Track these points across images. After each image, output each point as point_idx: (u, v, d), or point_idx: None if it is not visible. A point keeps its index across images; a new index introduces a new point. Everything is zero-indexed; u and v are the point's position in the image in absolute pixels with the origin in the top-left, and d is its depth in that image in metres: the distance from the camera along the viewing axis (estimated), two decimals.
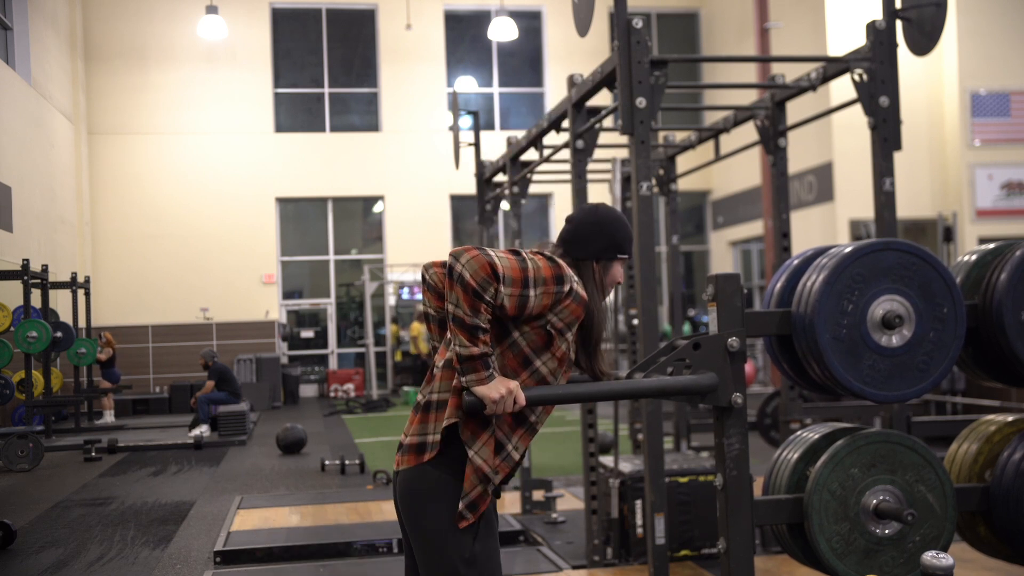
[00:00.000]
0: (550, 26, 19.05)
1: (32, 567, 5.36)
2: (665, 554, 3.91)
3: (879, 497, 2.71)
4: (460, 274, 2.19)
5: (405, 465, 2.35)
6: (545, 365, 2.36)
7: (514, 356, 2.33)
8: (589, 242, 2.47)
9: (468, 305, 2.18)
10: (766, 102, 5.26)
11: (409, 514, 2.35)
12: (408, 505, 2.35)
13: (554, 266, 2.30)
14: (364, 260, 18.52)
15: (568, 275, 2.32)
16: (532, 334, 2.32)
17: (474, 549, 2.30)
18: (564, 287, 2.29)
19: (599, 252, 2.47)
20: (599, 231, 2.47)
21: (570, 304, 2.31)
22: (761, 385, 15.38)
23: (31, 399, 10.14)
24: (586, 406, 4.91)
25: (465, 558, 2.28)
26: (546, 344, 2.34)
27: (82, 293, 13.07)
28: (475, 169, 7.16)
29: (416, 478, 2.33)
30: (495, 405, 2.23)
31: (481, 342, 2.20)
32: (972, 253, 3.11)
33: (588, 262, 2.46)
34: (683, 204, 18.49)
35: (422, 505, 2.32)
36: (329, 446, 10.40)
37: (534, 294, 2.25)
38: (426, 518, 2.31)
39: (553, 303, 2.29)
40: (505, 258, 2.25)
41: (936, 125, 14.99)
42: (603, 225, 2.48)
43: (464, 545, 2.29)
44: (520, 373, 2.34)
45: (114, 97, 17.33)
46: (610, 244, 2.47)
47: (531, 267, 2.26)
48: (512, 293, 2.22)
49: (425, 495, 2.31)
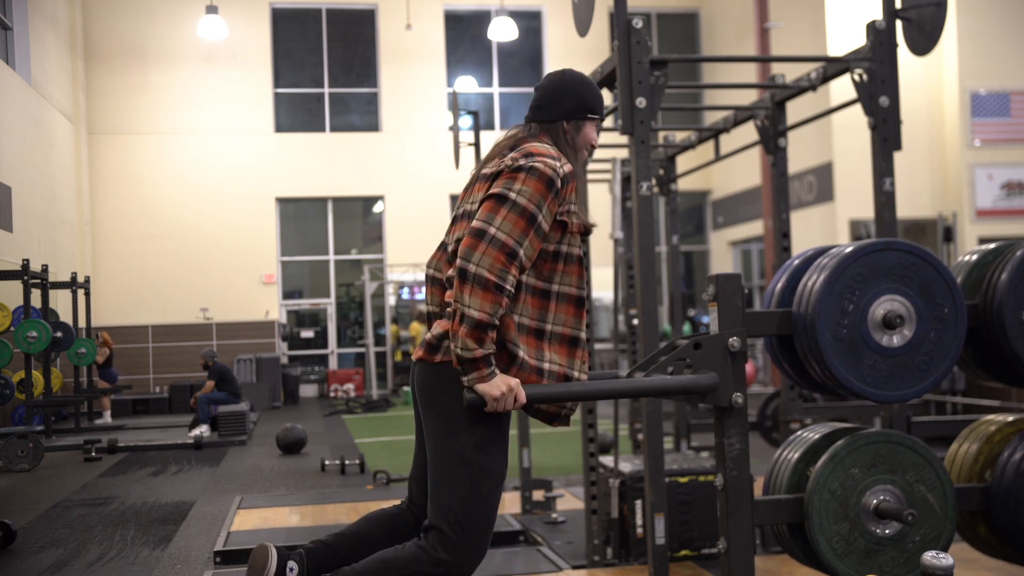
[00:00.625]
0: (550, 26, 19.05)
1: (32, 567, 5.36)
2: (665, 554, 3.91)
3: (879, 497, 2.71)
4: (476, 274, 2.18)
5: (424, 358, 2.40)
6: (563, 284, 2.40)
7: (533, 297, 2.37)
8: (557, 104, 2.47)
9: (491, 302, 2.19)
10: (766, 102, 5.26)
11: (425, 398, 2.40)
12: (425, 390, 2.40)
13: (536, 174, 2.30)
14: (364, 260, 18.52)
15: (552, 168, 2.32)
16: (552, 230, 2.36)
17: (483, 435, 2.34)
18: (556, 183, 2.31)
19: (567, 112, 2.47)
20: (566, 92, 2.48)
21: (568, 186, 2.35)
22: (761, 385, 15.38)
23: (31, 399, 10.14)
24: (586, 406, 4.91)
25: (473, 440, 2.33)
26: (563, 232, 2.37)
27: (82, 293, 13.07)
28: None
29: (434, 370, 2.38)
30: (496, 402, 2.24)
31: (488, 340, 2.21)
32: (972, 253, 3.11)
33: (558, 123, 2.47)
34: (683, 204, 18.49)
35: (439, 389, 2.37)
36: (329, 446, 10.40)
37: (543, 216, 2.28)
38: (441, 400, 2.36)
39: (559, 203, 2.33)
40: (502, 222, 2.25)
41: (936, 125, 14.99)
42: (570, 85, 2.49)
43: (474, 430, 2.33)
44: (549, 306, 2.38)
45: (114, 97, 17.33)
46: (578, 104, 2.48)
47: (524, 201, 2.27)
48: (531, 241, 2.26)
49: (442, 382, 2.36)
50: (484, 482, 2.34)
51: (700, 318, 17.11)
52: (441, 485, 2.35)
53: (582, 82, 2.52)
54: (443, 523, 2.32)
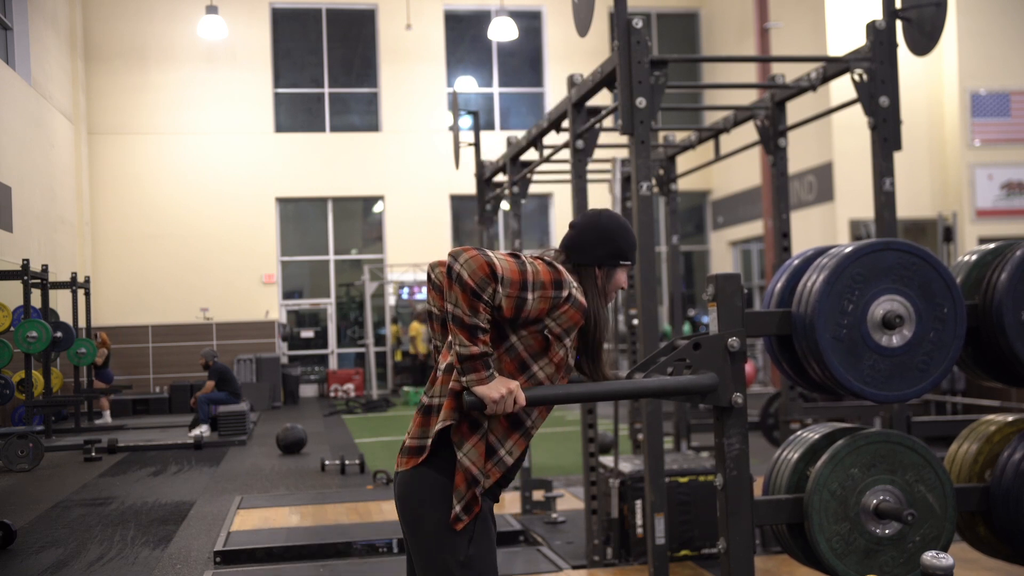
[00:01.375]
0: (550, 26, 19.05)
1: (32, 567, 5.36)
2: (665, 554, 3.91)
3: (879, 497, 2.71)
4: (459, 273, 2.19)
5: (403, 467, 2.37)
6: (543, 370, 2.36)
7: (511, 360, 2.33)
8: (592, 248, 2.46)
9: (467, 304, 2.18)
10: (766, 102, 5.26)
11: (406, 516, 2.36)
12: (405, 507, 2.36)
13: (553, 271, 2.30)
14: (364, 260, 18.52)
15: (567, 280, 2.31)
16: (530, 338, 2.32)
17: (469, 552, 2.30)
18: (563, 292, 2.29)
19: (602, 258, 2.46)
20: (602, 238, 2.47)
21: (568, 310, 2.31)
22: (761, 385, 15.38)
23: (31, 399, 10.14)
24: (586, 406, 4.91)
25: (460, 560, 2.29)
26: (543, 349, 2.33)
27: (82, 293, 13.07)
28: (475, 169, 7.16)
29: (412, 480, 2.34)
30: (495, 405, 2.23)
31: (481, 341, 2.20)
32: (972, 253, 3.11)
33: (590, 268, 2.46)
34: (683, 204, 18.49)
35: (418, 507, 2.33)
36: (329, 446, 10.40)
37: (532, 297, 2.24)
38: (422, 520, 2.32)
39: (551, 308, 2.28)
40: (504, 260, 2.25)
41: (936, 125, 14.99)
42: (606, 231, 2.48)
43: (459, 547, 2.29)
44: (517, 377, 2.34)
45: (114, 97, 17.33)
46: (613, 251, 2.47)
47: (530, 270, 2.26)
48: (509, 294, 2.22)
49: (420, 497, 2.32)
50: None
51: (700, 318, 17.11)
52: None
53: (617, 227, 2.49)
54: None
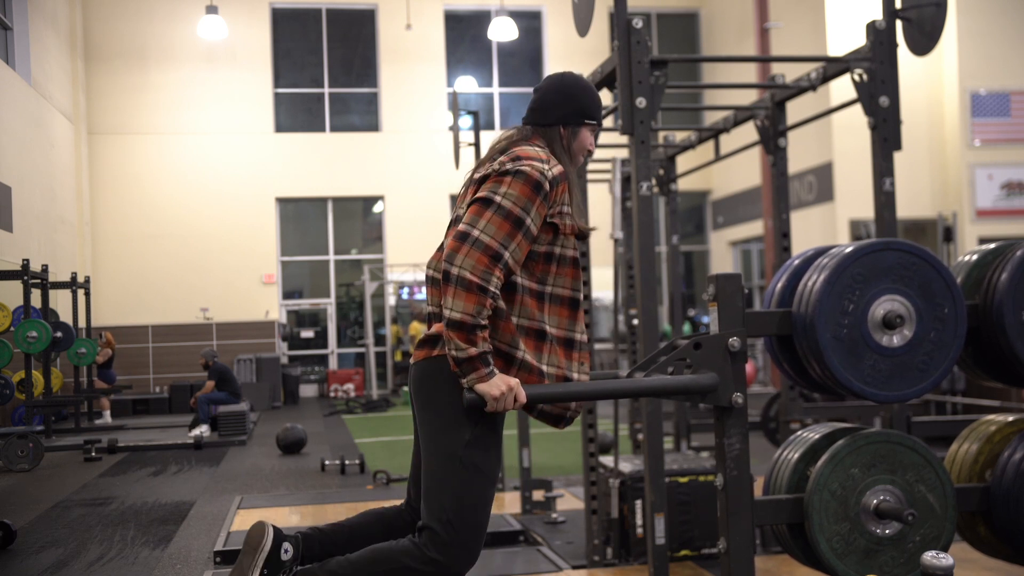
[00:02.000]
0: (550, 26, 19.05)
1: (32, 567, 5.36)
2: (665, 554, 3.91)
3: (879, 497, 2.71)
4: (459, 275, 2.19)
5: (419, 357, 2.42)
6: (558, 286, 2.40)
7: (529, 298, 2.37)
8: (555, 108, 2.46)
9: (475, 303, 2.19)
10: (766, 102, 5.26)
11: (419, 397, 2.41)
12: (419, 389, 2.41)
13: (522, 177, 2.29)
14: (364, 260, 18.52)
15: (539, 171, 2.31)
16: (543, 233, 2.36)
17: (475, 432, 2.34)
18: (544, 186, 2.30)
19: (565, 117, 2.46)
20: (565, 97, 2.46)
21: (558, 188, 2.34)
22: (761, 385, 15.38)
23: (31, 399, 10.14)
24: (586, 406, 4.91)
25: (466, 439, 2.33)
26: (554, 234, 2.37)
27: (82, 293, 13.07)
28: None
29: (427, 366, 2.39)
30: (496, 402, 2.24)
31: (480, 339, 2.21)
32: (972, 253, 3.11)
33: (555, 127, 2.46)
34: (683, 204, 18.49)
35: (431, 388, 2.38)
36: (329, 446, 10.40)
37: (530, 220, 2.28)
38: (433, 399, 2.37)
39: (547, 205, 2.31)
40: (487, 224, 2.24)
41: (936, 125, 14.99)
42: (568, 91, 2.47)
43: (466, 428, 2.34)
44: (543, 308, 2.38)
45: (114, 97, 17.33)
46: (576, 109, 2.46)
47: (509, 204, 2.26)
48: (518, 244, 2.26)
49: (434, 379, 2.37)
50: (476, 481, 2.34)
51: (700, 318, 17.11)
52: (434, 484, 2.36)
53: (581, 87, 2.50)
54: (435, 522, 2.33)
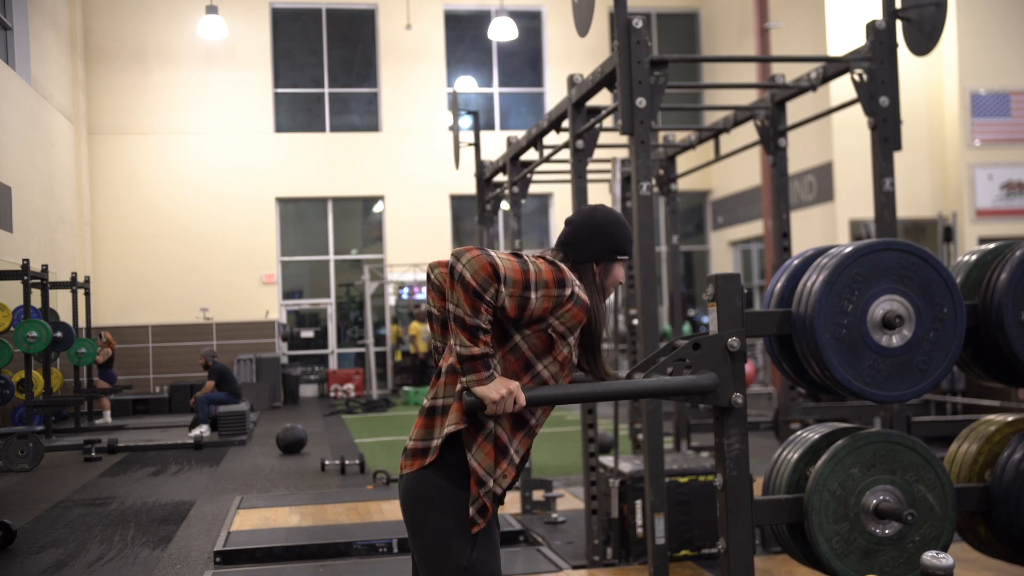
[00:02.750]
0: (550, 26, 19.05)
1: (32, 567, 5.36)
2: (665, 554, 3.91)
3: (879, 497, 2.71)
4: (461, 274, 2.19)
5: (408, 470, 2.37)
6: (547, 369, 2.36)
7: (516, 360, 2.33)
8: (588, 244, 2.46)
9: (469, 305, 2.18)
10: (766, 102, 5.26)
11: (410, 519, 2.36)
12: (409, 510, 2.36)
13: (555, 269, 2.30)
14: (364, 260, 18.51)
15: (569, 279, 2.31)
16: (533, 337, 2.32)
17: (472, 556, 2.30)
18: (565, 291, 2.29)
19: (598, 254, 2.46)
20: (598, 233, 2.47)
21: (572, 308, 2.31)
22: (761, 385, 15.38)
23: (31, 399, 10.14)
24: (586, 406, 4.91)
25: (463, 565, 2.29)
26: (547, 348, 2.33)
27: (82, 293, 13.07)
28: (475, 169, 7.16)
29: (418, 483, 2.34)
30: (495, 405, 2.23)
31: (482, 342, 2.20)
32: (972, 253, 3.11)
33: (588, 264, 2.46)
34: (683, 204, 18.49)
35: (423, 510, 2.33)
36: (329, 446, 10.40)
37: (535, 296, 2.25)
38: (426, 523, 2.32)
39: (554, 306, 2.28)
40: (507, 259, 2.25)
41: (936, 125, 14.99)
42: (602, 227, 2.48)
43: (463, 551, 2.29)
44: (522, 377, 2.34)
45: (114, 97, 17.33)
46: (610, 246, 2.47)
47: (532, 269, 2.26)
48: (513, 294, 2.22)
49: (426, 500, 2.32)
50: None
51: (700, 318, 17.11)
52: None
53: (615, 222, 2.49)
54: None
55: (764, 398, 14.69)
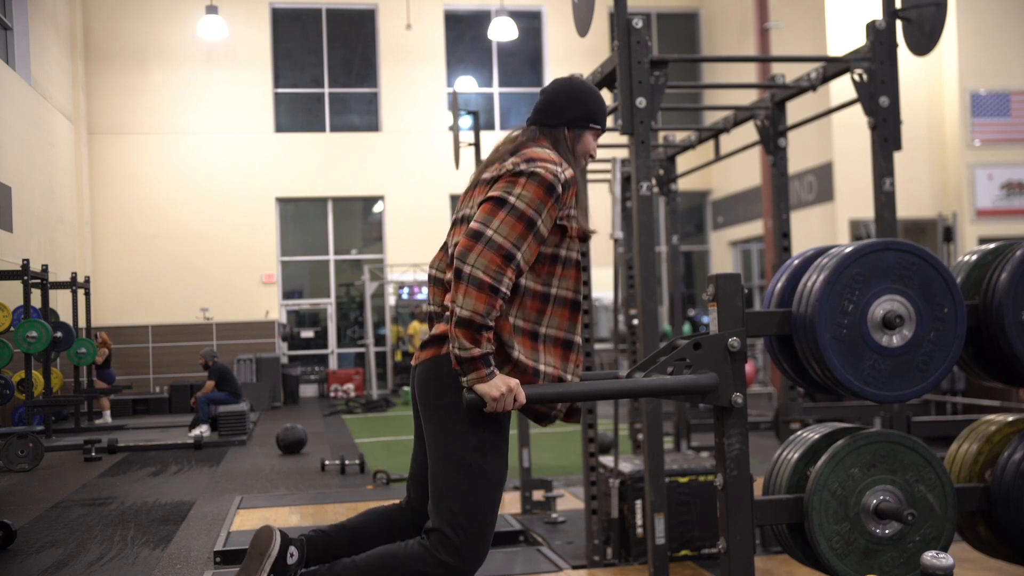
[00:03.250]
0: (550, 26, 19.05)
1: (32, 567, 5.36)
2: (665, 554, 3.91)
3: (879, 497, 2.71)
4: (471, 274, 2.19)
5: (425, 357, 2.41)
6: (561, 288, 2.41)
7: (531, 300, 2.38)
8: (561, 110, 2.48)
9: (485, 303, 2.19)
10: (766, 102, 5.26)
11: (424, 400, 2.41)
12: (423, 392, 2.41)
13: (537, 179, 2.31)
14: (364, 260, 18.52)
15: (553, 173, 2.33)
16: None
17: (483, 438, 2.35)
18: (557, 189, 2.32)
19: (570, 120, 2.49)
20: (571, 99, 2.49)
21: (569, 192, 2.37)
22: (761, 385, 15.38)
23: (31, 399, 10.14)
24: (586, 406, 4.91)
25: (473, 445, 2.34)
26: (561, 235, 2.39)
27: (82, 293, 13.07)
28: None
29: (432, 367, 2.39)
30: (495, 403, 2.24)
31: (484, 340, 2.21)
32: (972, 253, 3.11)
33: (559, 129, 2.48)
34: (683, 204, 18.49)
35: (437, 391, 2.37)
36: (329, 446, 10.40)
37: (542, 221, 2.29)
38: (440, 403, 2.37)
39: (559, 208, 2.34)
40: (500, 225, 2.25)
41: (936, 125, 14.99)
42: (574, 93, 2.50)
43: (474, 433, 2.34)
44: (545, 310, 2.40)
45: (114, 97, 17.33)
46: (582, 112, 2.49)
47: (523, 205, 2.28)
48: (529, 245, 2.27)
49: (440, 381, 2.36)
50: (485, 485, 2.36)
51: (700, 318, 17.11)
52: (442, 488, 2.36)
53: (587, 91, 2.53)
54: (445, 526, 2.34)
55: (764, 398, 14.69)
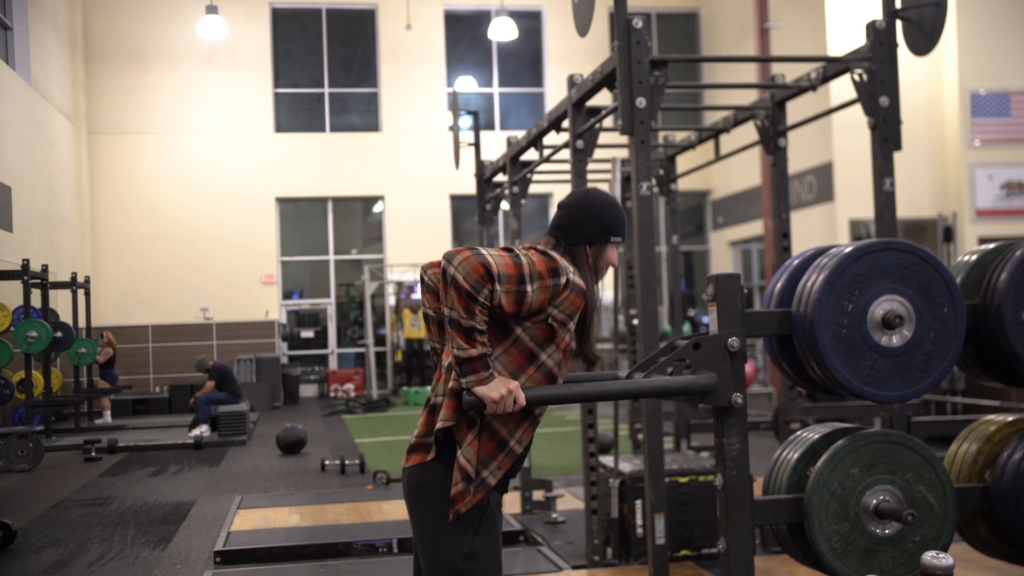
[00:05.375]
0: (550, 26, 19.05)
1: (32, 567, 5.36)
2: (665, 554, 3.91)
3: (879, 497, 2.71)
4: (453, 276, 2.20)
5: (411, 463, 2.41)
6: (551, 358, 2.37)
7: (519, 352, 2.34)
8: (581, 227, 2.48)
9: (463, 307, 2.19)
10: (766, 102, 5.26)
11: (413, 510, 2.41)
12: (412, 501, 2.41)
13: (548, 259, 2.31)
14: (364, 260, 18.52)
15: (563, 266, 2.32)
16: (535, 329, 2.33)
17: (474, 544, 2.33)
18: (560, 279, 2.30)
19: (591, 237, 2.48)
20: (590, 216, 2.48)
21: (569, 295, 2.32)
22: (761, 385, 15.38)
23: (31, 399, 10.14)
24: (586, 406, 4.91)
25: (464, 552, 2.32)
26: (549, 337, 2.35)
27: (82, 293, 13.07)
28: (475, 169, 7.16)
29: (419, 475, 2.39)
30: (495, 405, 2.24)
31: (479, 343, 2.21)
32: (972, 253, 3.11)
33: (581, 247, 2.47)
34: (683, 204, 18.49)
35: (424, 501, 2.37)
36: (329, 446, 10.40)
37: (531, 289, 2.26)
38: (428, 513, 2.36)
39: (551, 296, 2.30)
40: (498, 256, 2.26)
41: (936, 125, 14.99)
42: (594, 209, 2.49)
43: (464, 540, 2.32)
44: (527, 368, 2.35)
45: (114, 97, 17.33)
46: (603, 228, 2.48)
47: (525, 262, 2.27)
48: (509, 290, 2.23)
49: (427, 491, 2.36)
50: None
51: (700, 318, 17.11)
52: None
53: (606, 205, 2.51)
54: None
55: (764, 398, 14.69)
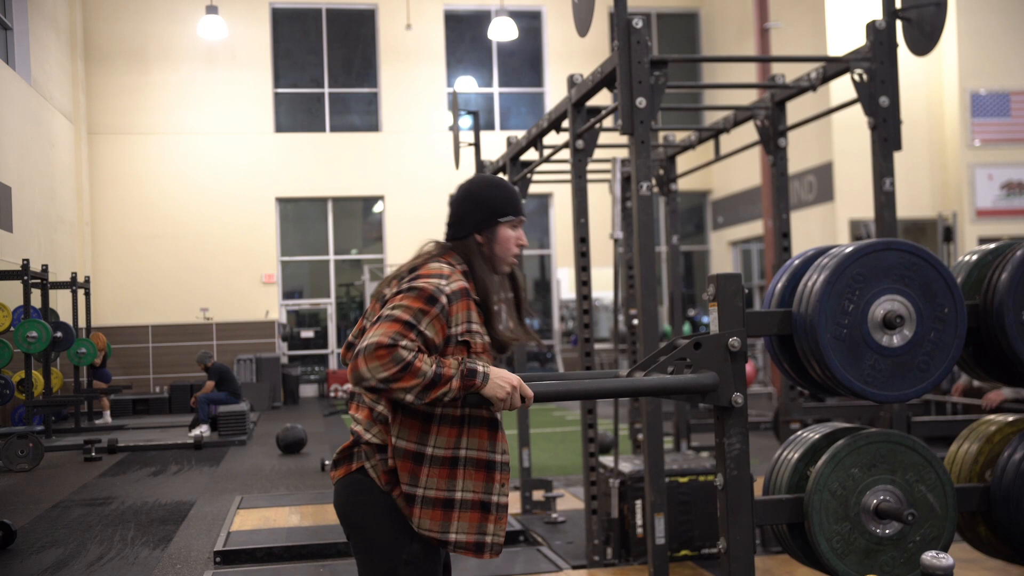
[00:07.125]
0: (550, 26, 19.05)
1: (32, 567, 5.36)
2: (665, 554, 3.91)
3: (879, 497, 2.71)
4: (380, 379, 2.10)
5: (338, 476, 2.37)
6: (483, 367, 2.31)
7: None
8: (467, 217, 2.42)
9: (405, 379, 2.10)
10: (766, 102, 5.26)
11: (345, 522, 2.37)
12: (343, 514, 2.37)
13: (415, 292, 2.21)
14: (364, 260, 18.52)
15: (435, 287, 2.22)
16: (458, 354, 2.27)
17: (411, 548, 2.29)
18: (441, 300, 2.21)
19: (478, 224, 2.41)
20: (474, 202, 2.42)
21: (456, 306, 2.25)
22: (761, 385, 15.38)
23: (31, 399, 10.14)
24: (586, 406, 4.91)
25: (404, 559, 2.28)
26: (468, 352, 2.28)
27: (82, 293, 13.07)
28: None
29: (348, 486, 2.34)
30: (503, 403, 2.20)
31: (446, 373, 2.14)
32: (972, 253, 3.11)
33: (470, 238, 2.40)
34: (683, 204, 18.49)
35: (357, 511, 2.33)
36: (329, 446, 10.40)
37: (425, 327, 2.18)
38: (362, 522, 2.33)
39: (446, 320, 2.22)
40: (381, 328, 2.15)
41: (936, 125, 14.99)
42: (474, 195, 2.44)
43: (403, 545, 2.28)
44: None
45: (114, 97, 17.33)
46: (487, 211, 2.41)
47: (400, 312, 2.17)
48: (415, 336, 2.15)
49: (358, 502, 2.33)
50: None
51: (700, 318, 17.11)
52: None
53: (488, 186, 2.43)
54: None
55: (764, 398, 14.70)
